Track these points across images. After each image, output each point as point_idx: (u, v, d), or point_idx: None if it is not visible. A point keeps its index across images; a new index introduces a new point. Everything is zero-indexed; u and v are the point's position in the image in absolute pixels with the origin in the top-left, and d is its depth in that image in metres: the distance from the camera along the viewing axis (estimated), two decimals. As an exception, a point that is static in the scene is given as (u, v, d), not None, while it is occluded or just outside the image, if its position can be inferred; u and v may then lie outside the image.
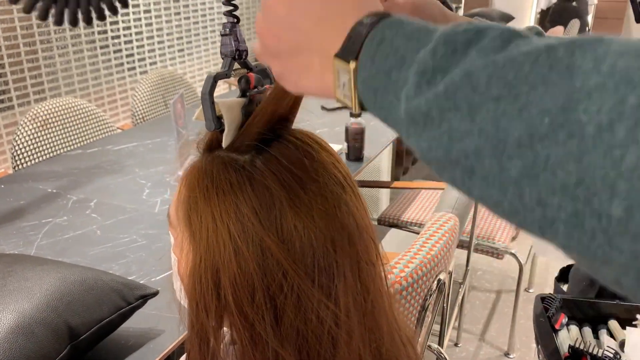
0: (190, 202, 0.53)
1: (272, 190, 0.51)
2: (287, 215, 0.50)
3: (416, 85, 0.32)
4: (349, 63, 0.37)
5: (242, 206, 0.50)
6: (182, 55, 4.60)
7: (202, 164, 0.54)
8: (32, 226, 1.50)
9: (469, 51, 0.31)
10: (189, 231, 0.54)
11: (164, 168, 1.92)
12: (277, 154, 0.53)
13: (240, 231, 0.50)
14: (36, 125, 2.19)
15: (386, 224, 2.32)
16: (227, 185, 0.51)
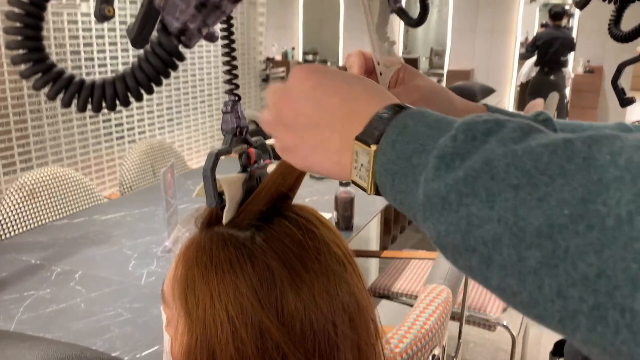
0: (187, 280, 0.52)
1: (273, 269, 0.49)
2: (288, 295, 0.49)
3: (435, 169, 0.33)
4: (370, 146, 0.38)
5: (241, 286, 0.49)
6: (171, 125, 4.65)
7: (201, 240, 0.53)
8: (13, 299, 1.45)
9: (488, 139, 0.32)
10: (185, 310, 0.52)
11: (151, 238, 1.89)
12: (279, 232, 0.52)
13: (239, 312, 0.48)
14: (22, 195, 2.16)
15: (377, 295, 2.28)
16: (226, 263, 0.50)
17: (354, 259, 0.56)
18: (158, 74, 0.30)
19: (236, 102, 0.57)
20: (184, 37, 0.30)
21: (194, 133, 4.97)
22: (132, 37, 0.33)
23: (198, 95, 4.95)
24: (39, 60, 0.28)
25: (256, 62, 5.91)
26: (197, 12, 0.29)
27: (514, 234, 0.28)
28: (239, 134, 0.58)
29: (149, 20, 0.31)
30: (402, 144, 0.36)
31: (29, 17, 0.27)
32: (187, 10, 0.29)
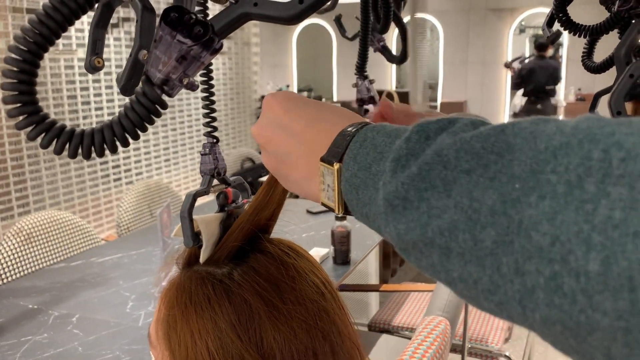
0: (169, 321, 0.52)
1: (251, 303, 0.50)
2: (267, 328, 0.50)
3: (392, 171, 0.33)
4: (333, 165, 0.38)
5: (220, 322, 0.49)
6: (168, 165, 4.68)
7: (181, 280, 0.54)
8: (10, 345, 1.44)
9: (439, 136, 0.32)
10: (169, 350, 0.52)
11: (149, 279, 1.89)
12: (255, 266, 0.53)
13: (219, 347, 0.49)
14: (19, 240, 2.17)
15: (377, 330, 2.26)
16: (204, 300, 0.50)
17: (334, 288, 0.57)
18: (143, 121, 0.32)
19: (214, 145, 0.59)
20: (167, 86, 0.32)
21: (190, 172, 5.00)
22: (120, 85, 0.35)
23: (194, 134, 5.00)
24: (32, 113, 0.30)
25: (251, 100, 5.98)
26: (177, 64, 0.31)
27: (469, 217, 0.28)
28: (217, 175, 0.60)
29: (135, 70, 0.33)
30: (362, 156, 0.36)
31: (23, 74, 0.29)
32: (168, 63, 0.31)
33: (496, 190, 0.27)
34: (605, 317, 0.23)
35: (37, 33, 0.28)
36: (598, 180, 0.24)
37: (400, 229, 0.32)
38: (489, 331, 2.21)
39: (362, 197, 0.36)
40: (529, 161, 0.26)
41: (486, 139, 0.29)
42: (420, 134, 0.33)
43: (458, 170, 0.29)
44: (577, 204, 0.24)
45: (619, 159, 0.24)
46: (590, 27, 0.71)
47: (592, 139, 0.25)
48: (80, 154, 0.32)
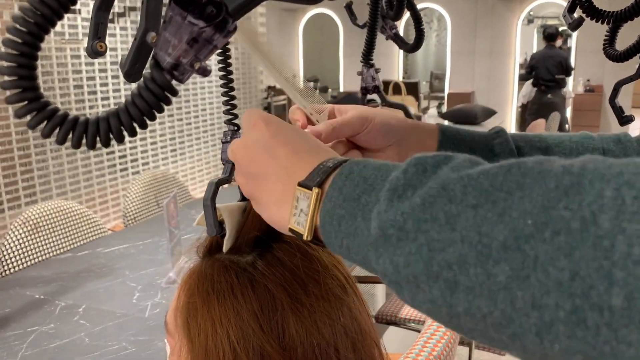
0: (189, 308, 0.51)
1: (274, 294, 0.49)
2: (289, 320, 0.49)
3: (389, 200, 0.32)
4: (311, 189, 0.38)
5: (242, 311, 0.48)
6: (174, 155, 4.68)
7: (202, 268, 0.53)
8: (16, 335, 1.44)
9: (439, 170, 0.32)
10: (188, 338, 0.51)
11: (155, 270, 1.88)
12: (279, 256, 0.52)
13: (240, 337, 0.48)
14: (26, 230, 2.16)
15: (384, 321, 2.26)
16: (227, 289, 0.50)
17: (355, 284, 0.56)
18: (151, 109, 0.30)
19: (235, 132, 0.58)
20: (177, 72, 0.30)
21: (197, 163, 4.99)
22: (124, 71, 0.33)
23: (200, 125, 4.99)
24: (33, 99, 0.28)
25: (257, 90, 5.96)
26: (189, 47, 0.29)
27: (480, 251, 0.28)
28: None
29: (141, 54, 0.31)
30: (349, 188, 0.36)
31: (23, 57, 0.28)
32: (179, 46, 0.29)
33: (507, 226, 0.27)
34: (630, 347, 0.24)
35: (37, 13, 0.26)
36: (612, 217, 0.24)
37: (398, 261, 0.31)
38: (497, 324, 2.20)
39: (344, 228, 0.36)
40: (540, 198, 0.27)
41: (494, 177, 0.29)
42: (418, 166, 0.33)
43: (464, 205, 0.29)
44: (594, 240, 0.24)
45: (631, 197, 0.24)
46: (615, 14, 0.69)
47: (601, 178, 0.26)
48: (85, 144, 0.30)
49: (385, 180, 0.34)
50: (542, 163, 0.28)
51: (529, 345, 0.27)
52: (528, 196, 0.27)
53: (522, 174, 0.28)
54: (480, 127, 5.14)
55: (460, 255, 0.28)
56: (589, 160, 0.27)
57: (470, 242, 0.28)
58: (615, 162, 0.26)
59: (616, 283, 0.24)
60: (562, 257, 0.25)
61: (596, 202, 0.25)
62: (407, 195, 0.32)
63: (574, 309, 0.25)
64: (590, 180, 0.26)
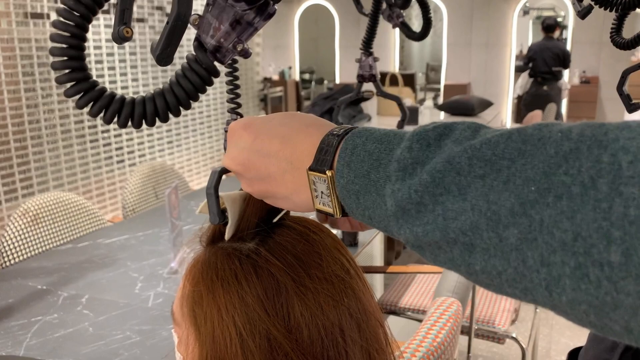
0: (194, 297, 0.52)
1: (278, 278, 0.50)
2: (294, 303, 0.49)
3: (400, 180, 0.34)
4: (325, 172, 0.39)
5: (247, 297, 0.49)
6: (171, 147, 4.67)
7: (206, 256, 0.54)
8: (20, 325, 1.45)
9: (442, 143, 0.34)
10: (194, 326, 0.52)
11: (157, 260, 1.88)
12: (281, 241, 0.53)
13: (246, 322, 0.49)
14: (26, 221, 2.16)
15: (384, 311, 2.27)
16: (231, 275, 0.50)
17: (358, 266, 0.56)
18: (196, 90, 0.30)
19: None
20: (219, 54, 0.30)
21: (194, 154, 4.98)
22: (156, 54, 0.33)
23: (197, 116, 4.97)
24: (81, 80, 0.29)
25: (254, 82, 5.95)
26: (231, 29, 0.30)
27: (490, 218, 0.30)
28: None
29: (173, 38, 0.31)
30: (357, 163, 0.38)
31: (73, 39, 0.28)
32: (221, 28, 0.30)
33: (512, 193, 0.29)
34: (628, 297, 0.26)
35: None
36: (610, 180, 0.26)
37: (417, 231, 0.34)
38: (495, 313, 2.22)
39: (363, 201, 0.38)
40: (541, 165, 0.29)
41: (495, 146, 0.31)
42: (421, 142, 0.35)
43: (472, 176, 0.31)
44: (594, 203, 0.27)
45: (627, 161, 0.26)
46: (623, 2, 0.69)
47: (599, 144, 0.27)
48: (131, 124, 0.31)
49: (391, 156, 0.36)
50: (541, 129, 0.30)
51: (539, 297, 0.30)
52: (530, 163, 0.29)
53: (522, 141, 0.30)
54: (477, 119, 5.15)
55: (472, 222, 0.31)
56: (586, 126, 0.29)
57: (480, 210, 0.30)
58: (611, 127, 0.28)
59: (614, 241, 0.26)
60: (565, 219, 0.27)
61: (594, 167, 0.27)
62: (416, 172, 0.34)
63: (577, 265, 0.27)
64: (589, 146, 0.28)
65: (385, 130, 0.39)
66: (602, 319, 0.28)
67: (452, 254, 0.32)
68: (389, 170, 0.35)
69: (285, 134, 0.44)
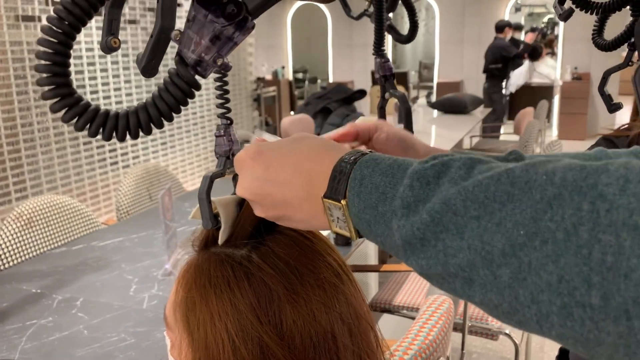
0: (187, 303, 0.52)
1: (270, 285, 0.50)
2: (286, 310, 0.50)
3: (405, 217, 0.37)
4: (340, 201, 0.42)
5: (239, 304, 0.50)
6: (164, 148, 4.66)
7: (199, 262, 0.54)
8: (15, 329, 1.45)
9: (440, 181, 0.37)
10: (187, 332, 0.52)
11: (151, 262, 1.89)
12: (273, 248, 0.53)
13: (239, 330, 0.49)
14: (20, 225, 2.16)
15: (378, 309, 2.28)
16: (224, 282, 0.51)
17: (349, 270, 0.57)
18: (178, 103, 0.31)
19: (228, 126, 0.59)
20: (200, 67, 0.31)
21: (187, 155, 4.98)
22: (141, 66, 0.34)
23: (190, 117, 4.97)
24: (66, 95, 0.30)
25: (247, 82, 5.95)
26: (211, 44, 0.31)
27: (484, 257, 0.33)
28: (232, 156, 0.59)
29: (157, 51, 0.32)
30: (365, 194, 0.40)
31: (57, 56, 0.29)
32: (201, 43, 0.31)
33: (503, 235, 0.32)
34: (609, 336, 0.29)
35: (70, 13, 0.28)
36: (589, 228, 0.29)
37: (422, 264, 0.37)
38: (489, 310, 2.23)
39: (374, 230, 0.41)
40: (528, 210, 0.31)
41: (487, 188, 0.34)
42: (421, 180, 0.37)
43: (468, 217, 0.34)
44: (575, 249, 0.29)
45: (604, 210, 0.29)
46: (603, 4, 0.70)
47: (579, 191, 0.30)
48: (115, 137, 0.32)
49: (395, 191, 0.39)
50: (528, 171, 0.33)
51: (533, 329, 0.33)
52: (518, 207, 0.32)
53: (510, 184, 0.33)
54: (469, 116, 5.17)
55: (469, 260, 0.34)
56: (568, 170, 0.31)
57: (475, 249, 0.33)
58: (592, 170, 0.31)
59: (594, 286, 0.28)
60: (550, 262, 0.30)
61: (576, 215, 0.30)
62: (418, 210, 0.37)
63: (563, 304, 0.30)
64: (570, 193, 0.30)
65: (389, 161, 0.41)
66: (589, 351, 0.31)
67: (454, 285, 0.36)
68: (395, 206, 0.38)
69: (297, 162, 0.46)
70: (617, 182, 0.29)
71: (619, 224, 0.28)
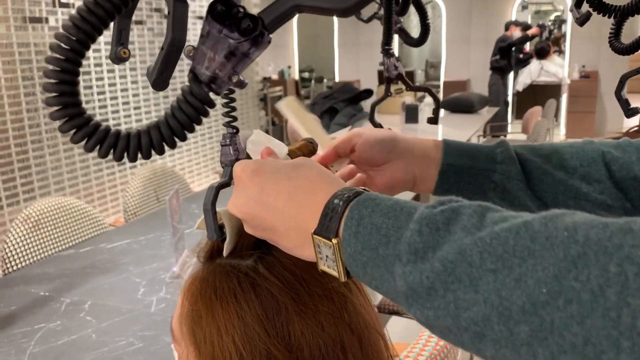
0: (193, 316, 0.52)
1: (277, 297, 0.50)
2: (294, 322, 0.49)
3: (412, 263, 0.35)
4: (331, 240, 0.40)
5: (246, 316, 0.49)
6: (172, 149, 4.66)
7: (204, 274, 0.53)
8: (24, 333, 1.45)
9: (451, 228, 0.35)
10: (194, 345, 0.52)
11: (159, 265, 1.89)
12: (280, 258, 0.52)
13: (246, 342, 0.48)
14: (28, 227, 2.17)
15: (386, 311, 2.27)
16: (230, 294, 0.50)
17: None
18: (191, 121, 0.30)
19: (234, 135, 0.58)
20: (214, 85, 0.30)
21: (194, 156, 4.99)
22: (152, 79, 0.33)
23: (197, 117, 4.97)
24: (75, 115, 0.29)
25: (253, 82, 5.94)
26: (226, 60, 0.30)
27: (501, 313, 0.31)
28: None
29: (169, 63, 0.31)
30: (364, 235, 0.39)
31: (65, 74, 0.28)
32: (215, 59, 0.30)
33: (524, 292, 0.30)
34: None
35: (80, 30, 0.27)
36: (618, 291, 0.28)
37: (428, 314, 0.35)
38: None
39: (370, 272, 0.39)
40: (551, 268, 0.30)
41: (505, 242, 0.32)
42: (430, 226, 0.36)
43: (484, 269, 0.32)
44: (603, 311, 0.28)
45: (633, 273, 0.28)
46: (621, 8, 0.69)
47: (604, 251, 0.29)
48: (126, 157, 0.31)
49: (400, 234, 0.37)
50: (547, 225, 0.32)
51: None
52: (540, 264, 0.30)
53: (530, 238, 0.32)
54: (476, 115, 5.15)
55: (484, 314, 0.32)
56: (590, 228, 0.30)
57: (492, 304, 0.32)
58: (615, 229, 0.29)
59: (624, 350, 0.27)
60: (575, 324, 0.29)
61: (602, 276, 0.28)
62: (428, 257, 0.35)
63: None
64: (595, 253, 0.29)
65: (390, 202, 0.40)
66: None
67: (462, 339, 0.34)
68: (399, 250, 0.36)
69: (292, 189, 0.44)
70: None
71: None
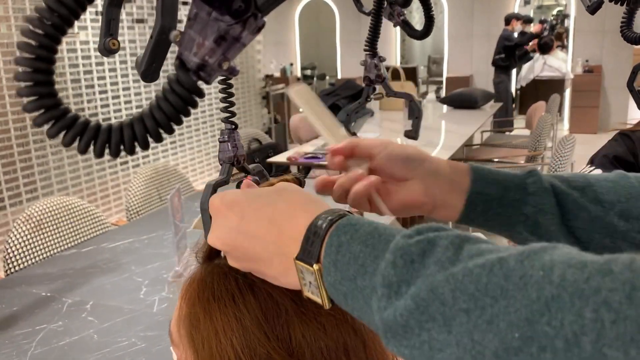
0: (191, 319, 0.50)
1: (277, 299, 0.48)
2: (295, 324, 0.47)
3: (386, 297, 0.34)
4: (312, 266, 0.39)
5: (245, 319, 0.47)
6: (174, 147, 4.66)
7: (202, 275, 0.52)
8: (25, 334, 1.44)
9: (425, 261, 0.34)
10: (193, 349, 0.50)
11: (161, 264, 1.87)
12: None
13: (245, 346, 0.47)
14: (30, 227, 2.15)
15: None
16: (228, 297, 0.48)
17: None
18: (178, 112, 0.29)
19: (232, 131, 0.56)
20: (203, 72, 0.28)
21: (197, 154, 4.97)
22: (141, 71, 0.31)
23: (199, 115, 4.96)
24: (51, 107, 0.27)
25: (255, 79, 5.93)
26: (216, 45, 0.28)
27: (474, 356, 0.30)
28: (236, 163, 0.57)
29: (158, 53, 0.29)
30: (343, 264, 0.37)
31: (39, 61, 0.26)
32: (204, 45, 0.28)
33: (496, 336, 0.29)
34: None
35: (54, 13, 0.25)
36: (593, 340, 0.26)
37: (404, 352, 0.34)
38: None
39: (351, 303, 0.38)
40: (523, 310, 0.28)
41: (477, 280, 0.31)
42: (405, 258, 0.34)
43: (456, 309, 0.31)
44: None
45: (610, 321, 0.26)
46: (634, -5, 0.67)
47: (580, 294, 0.27)
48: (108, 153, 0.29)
49: (376, 265, 0.35)
50: (522, 263, 0.30)
51: None
52: (512, 305, 0.29)
53: (504, 277, 0.30)
54: (480, 111, 5.12)
55: (458, 357, 0.31)
56: (567, 267, 0.28)
57: (464, 347, 0.30)
58: (594, 269, 0.27)
59: None
60: None
61: (577, 322, 0.27)
62: (401, 292, 0.34)
63: None
64: (571, 295, 0.27)
65: (369, 228, 0.38)
66: None
67: None
68: (375, 282, 0.35)
69: (272, 216, 0.43)
70: (623, 288, 0.26)
71: (626, 339, 0.25)
